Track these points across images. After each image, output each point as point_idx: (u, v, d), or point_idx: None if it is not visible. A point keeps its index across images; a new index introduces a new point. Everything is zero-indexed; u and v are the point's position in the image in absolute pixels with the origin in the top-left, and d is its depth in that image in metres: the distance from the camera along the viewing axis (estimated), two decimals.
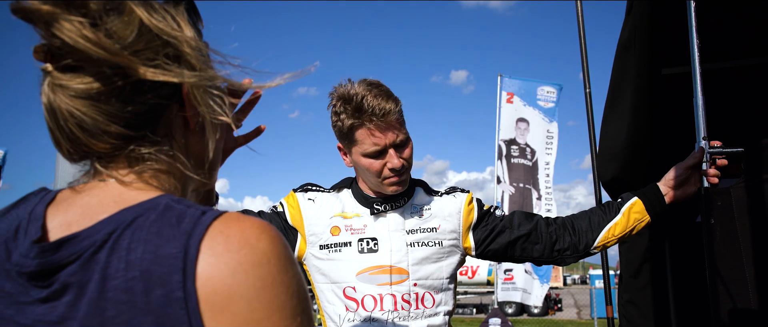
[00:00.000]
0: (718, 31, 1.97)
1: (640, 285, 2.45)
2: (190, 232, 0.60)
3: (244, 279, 0.59)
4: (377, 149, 1.57)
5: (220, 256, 0.59)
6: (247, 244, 0.60)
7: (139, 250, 0.59)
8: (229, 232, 0.61)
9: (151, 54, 0.66)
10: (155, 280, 0.58)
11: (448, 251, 1.69)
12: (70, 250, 0.61)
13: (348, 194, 1.75)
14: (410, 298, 1.61)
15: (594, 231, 1.71)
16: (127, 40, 0.64)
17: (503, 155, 9.76)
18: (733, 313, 1.50)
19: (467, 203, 1.74)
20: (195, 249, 0.59)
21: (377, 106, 1.51)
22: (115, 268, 0.59)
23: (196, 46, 0.70)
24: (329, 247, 1.67)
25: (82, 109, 0.64)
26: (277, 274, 0.61)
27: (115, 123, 0.65)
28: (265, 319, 0.60)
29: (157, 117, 0.69)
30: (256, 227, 0.62)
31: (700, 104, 1.63)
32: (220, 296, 0.58)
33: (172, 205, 0.64)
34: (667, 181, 1.72)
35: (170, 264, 0.58)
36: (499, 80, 9.93)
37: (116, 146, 0.67)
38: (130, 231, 0.61)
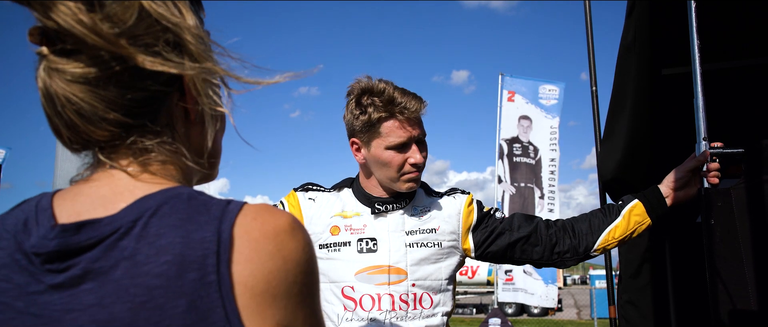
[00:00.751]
0: (718, 32, 1.97)
1: (639, 285, 2.45)
2: (220, 217, 0.61)
3: (282, 264, 0.61)
4: (402, 141, 1.61)
5: (254, 243, 0.60)
6: (282, 232, 0.62)
7: (169, 235, 0.59)
8: (262, 219, 0.62)
9: (151, 39, 0.64)
10: (189, 264, 0.58)
11: (447, 252, 1.69)
12: (91, 233, 0.60)
13: (349, 193, 1.75)
14: (408, 299, 1.61)
15: (594, 234, 1.71)
16: (126, 25, 0.62)
17: (504, 154, 9.75)
18: (733, 313, 1.50)
19: (467, 205, 1.73)
20: (228, 234, 0.60)
21: (408, 101, 1.59)
22: (146, 254, 0.58)
23: (198, 34, 0.68)
24: (328, 247, 1.67)
25: (79, 94, 0.62)
26: (311, 262, 0.64)
27: (114, 110, 0.64)
28: (301, 304, 0.62)
29: (157, 105, 0.67)
30: (281, 217, 0.63)
31: (700, 105, 1.63)
32: (258, 281, 0.60)
33: (195, 195, 0.64)
34: (668, 183, 1.71)
35: (204, 248, 0.59)
36: (501, 79, 9.93)
37: (116, 135, 0.66)
38: (156, 218, 0.61)
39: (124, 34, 0.62)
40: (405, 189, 1.66)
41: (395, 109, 1.58)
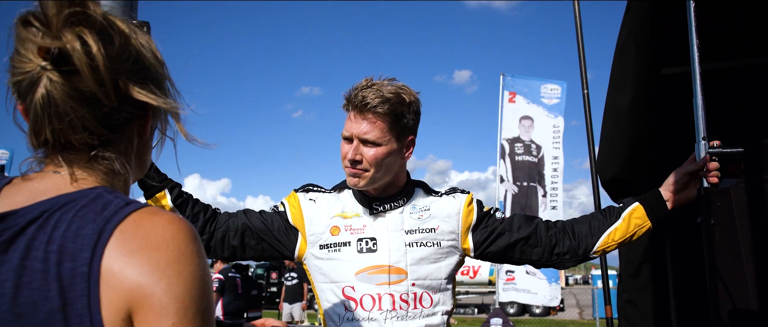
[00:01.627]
0: (718, 31, 1.97)
1: (639, 285, 2.45)
2: (109, 218, 0.69)
3: (139, 260, 0.67)
4: (346, 135, 1.63)
5: (126, 241, 0.68)
6: (151, 231, 0.69)
7: (62, 227, 0.68)
8: (141, 220, 0.70)
9: (142, 75, 0.78)
10: (68, 255, 0.67)
11: (447, 252, 1.69)
12: (8, 223, 0.69)
13: (348, 194, 1.75)
14: (408, 298, 1.61)
15: (594, 236, 1.71)
16: (127, 62, 0.75)
17: (506, 154, 9.75)
18: (733, 313, 1.50)
19: (467, 204, 1.73)
20: (108, 233, 0.68)
21: (360, 98, 1.58)
22: (40, 241, 0.68)
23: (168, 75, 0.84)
24: (329, 247, 1.67)
25: (78, 108, 0.72)
26: (171, 261, 0.69)
27: (100, 124, 0.75)
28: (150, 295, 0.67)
29: (127, 124, 0.80)
30: (164, 218, 0.72)
31: (699, 104, 1.63)
32: (116, 275, 0.67)
33: (102, 194, 0.73)
34: (668, 186, 1.71)
35: (84, 242, 0.67)
36: (502, 79, 9.92)
37: (90, 144, 0.76)
38: (60, 212, 0.70)
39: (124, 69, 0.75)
40: (348, 183, 1.67)
41: (350, 101, 1.61)
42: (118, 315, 0.67)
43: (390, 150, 1.61)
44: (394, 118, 1.60)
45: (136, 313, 0.67)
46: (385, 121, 1.58)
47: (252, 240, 1.70)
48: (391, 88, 1.60)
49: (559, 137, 9.77)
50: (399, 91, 1.61)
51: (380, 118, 1.57)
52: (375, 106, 1.56)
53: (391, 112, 1.58)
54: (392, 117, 1.59)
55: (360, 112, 1.58)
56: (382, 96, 1.57)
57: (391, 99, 1.57)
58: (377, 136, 1.58)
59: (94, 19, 0.73)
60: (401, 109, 1.60)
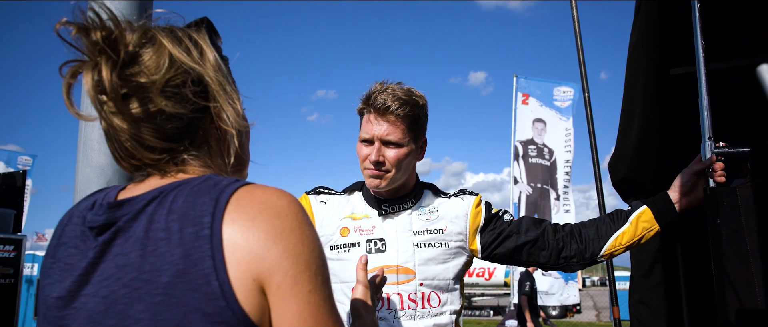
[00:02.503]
0: (725, 30, 1.96)
1: (651, 285, 2.45)
2: (222, 189, 0.74)
3: (263, 225, 0.72)
4: (367, 137, 1.66)
5: (243, 208, 0.73)
6: (268, 202, 0.74)
7: (180, 201, 0.74)
8: (254, 191, 0.75)
9: (179, 80, 0.79)
10: (189, 221, 0.72)
11: (455, 252, 1.71)
12: (129, 207, 0.76)
13: (359, 196, 1.79)
14: (416, 298, 1.64)
15: (601, 239, 1.71)
16: (159, 73, 0.78)
17: (520, 156, 9.73)
18: (740, 312, 1.50)
19: (475, 206, 1.76)
20: (225, 201, 0.73)
21: (381, 100, 1.62)
22: (160, 215, 0.73)
23: (216, 70, 0.84)
24: (339, 248, 1.71)
25: (134, 129, 0.78)
26: (294, 228, 0.73)
27: (161, 138, 0.80)
28: (279, 261, 0.71)
29: (194, 129, 0.83)
30: (275, 190, 0.76)
31: (705, 104, 1.63)
32: (241, 237, 0.71)
33: (212, 176, 0.78)
34: (676, 188, 1.71)
35: (203, 209, 0.72)
36: (515, 81, 9.92)
37: (165, 157, 0.82)
38: (175, 191, 0.76)
39: (155, 82, 0.78)
40: (369, 185, 1.70)
41: (369, 103, 1.65)
42: (248, 276, 0.70)
43: (409, 150, 1.67)
44: (413, 120, 1.65)
45: (268, 280, 0.71)
46: (405, 122, 1.64)
47: None
48: (406, 91, 1.66)
49: (570, 140, 9.74)
50: (413, 93, 1.67)
51: (400, 119, 1.63)
52: (396, 109, 1.61)
53: (410, 114, 1.63)
54: (411, 118, 1.65)
55: (381, 114, 1.62)
56: (401, 98, 1.62)
57: (409, 101, 1.63)
58: (399, 137, 1.63)
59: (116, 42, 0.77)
60: (417, 110, 1.66)
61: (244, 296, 0.70)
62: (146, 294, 0.70)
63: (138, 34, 0.80)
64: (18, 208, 5.55)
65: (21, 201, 5.69)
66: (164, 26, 0.85)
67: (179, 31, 0.84)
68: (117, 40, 0.76)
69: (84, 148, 1.50)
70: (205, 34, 0.86)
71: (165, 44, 0.79)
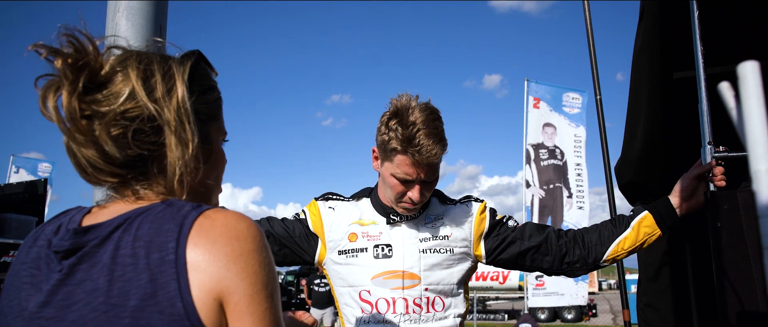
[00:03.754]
0: (727, 34, 1.98)
1: (659, 288, 2.45)
2: (186, 214, 0.79)
3: (223, 248, 0.77)
4: (407, 179, 1.63)
5: (205, 232, 0.77)
6: (227, 223, 0.79)
7: (145, 227, 0.78)
8: (216, 216, 0.80)
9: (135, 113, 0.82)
10: (155, 247, 0.76)
11: (459, 258, 1.75)
12: (95, 233, 0.80)
13: (367, 203, 1.83)
14: (421, 302, 1.68)
15: (603, 244, 1.74)
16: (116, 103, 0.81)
17: (532, 159, 9.71)
18: (741, 315, 1.51)
19: (479, 212, 1.79)
20: (188, 227, 0.77)
21: (426, 147, 1.56)
22: (126, 241, 0.77)
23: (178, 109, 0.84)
24: (347, 253, 1.75)
25: (87, 153, 0.82)
26: (252, 250, 0.79)
27: (112, 164, 0.83)
28: (238, 281, 0.77)
29: (149, 159, 0.85)
30: (235, 214, 0.81)
31: (705, 109, 1.65)
32: (203, 260, 0.76)
33: (174, 202, 0.82)
34: (677, 192, 1.72)
35: (168, 235, 0.77)
36: (526, 85, 9.91)
37: (118, 181, 0.86)
38: (140, 217, 0.80)
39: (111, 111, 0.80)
40: (401, 211, 1.72)
41: (410, 147, 1.57)
42: (210, 295, 0.75)
43: (438, 178, 1.71)
44: (443, 155, 1.65)
45: (227, 300, 0.76)
46: (440, 160, 1.65)
47: (275, 246, 1.79)
48: (436, 123, 1.61)
49: (581, 147, 9.73)
50: (439, 124, 1.63)
51: (438, 159, 1.63)
52: (440, 152, 1.60)
53: (443, 152, 1.63)
54: (443, 154, 1.64)
55: (425, 158, 1.58)
56: (439, 137, 1.59)
57: (443, 136, 1.62)
58: (436, 174, 1.67)
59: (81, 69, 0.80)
60: (446, 144, 1.64)
61: (206, 315, 0.75)
62: (115, 317, 0.74)
63: (116, 60, 0.84)
64: (39, 216, 5.68)
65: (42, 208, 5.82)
66: (147, 55, 0.87)
67: (158, 63, 0.86)
68: (82, 67, 0.80)
69: None
70: (185, 70, 0.88)
71: (131, 77, 0.82)
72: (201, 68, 0.93)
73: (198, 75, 0.92)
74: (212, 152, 0.95)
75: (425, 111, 1.60)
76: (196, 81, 0.90)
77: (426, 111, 1.60)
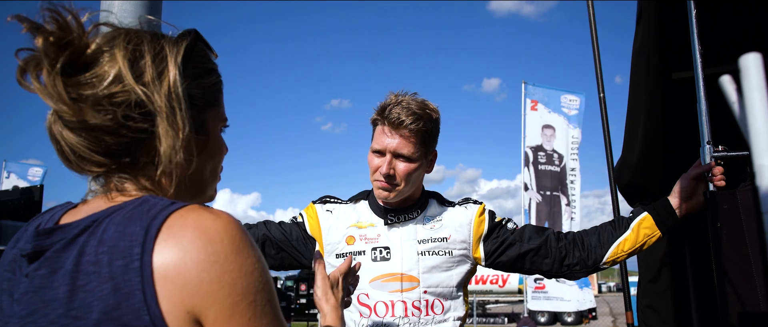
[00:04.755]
0: (725, 34, 1.97)
1: (659, 290, 2.44)
2: (154, 216, 0.70)
3: (196, 254, 0.67)
4: (379, 148, 1.68)
5: (175, 235, 0.68)
6: (201, 224, 0.69)
7: (111, 230, 0.70)
8: (188, 215, 0.71)
9: (122, 98, 0.75)
10: (118, 253, 0.68)
11: (458, 260, 1.74)
12: (60, 235, 0.73)
13: (365, 205, 1.82)
14: (420, 305, 1.66)
15: (603, 247, 1.73)
16: (100, 86, 0.74)
17: (530, 162, 9.72)
18: (742, 315, 1.50)
19: (478, 215, 1.78)
20: (155, 229, 0.68)
21: (396, 114, 1.63)
22: (90, 246, 0.70)
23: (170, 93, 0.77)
24: (344, 256, 1.74)
25: (70, 137, 0.75)
26: (229, 253, 0.69)
27: (96, 151, 0.76)
28: (215, 292, 0.67)
29: (134, 148, 0.78)
30: (211, 212, 0.72)
31: (703, 109, 1.65)
32: (172, 268, 0.67)
33: (148, 199, 0.74)
34: (677, 193, 1.71)
35: (132, 239, 0.68)
36: (524, 88, 9.93)
37: (102, 170, 0.79)
38: (108, 218, 0.72)
39: (95, 95, 0.73)
40: (377, 195, 1.72)
41: (383, 115, 1.66)
42: (182, 308, 0.67)
43: (419, 164, 1.69)
44: (425, 134, 1.67)
45: (205, 314, 0.67)
46: (417, 137, 1.65)
47: (272, 250, 1.78)
48: (420, 105, 1.67)
49: (576, 149, 9.75)
50: (427, 107, 1.69)
51: (413, 134, 1.64)
52: (410, 123, 1.62)
53: (423, 129, 1.65)
54: (423, 133, 1.66)
55: (395, 128, 1.64)
56: (415, 113, 1.64)
57: (423, 116, 1.65)
58: (411, 151, 1.65)
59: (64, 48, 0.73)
60: (430, 125, 1.68)
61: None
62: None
63: (103, 39, 0.76)
64: None
65: None
66: (137, 34, 0.80)
67: (149, 43, 0.79)
68: (65, 46, 0.73)
69: None
70: (179, 51, 0.81)
71: (118, 59, 0.75)
72: (198, 49, 0.85)
73: (194, 57, 0.84)
74: (208, 142, 0.86)
75: (409, 95, 1.70)
76: (191, 63, 0.82)
77: (410, 95, 1.70)
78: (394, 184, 1.67)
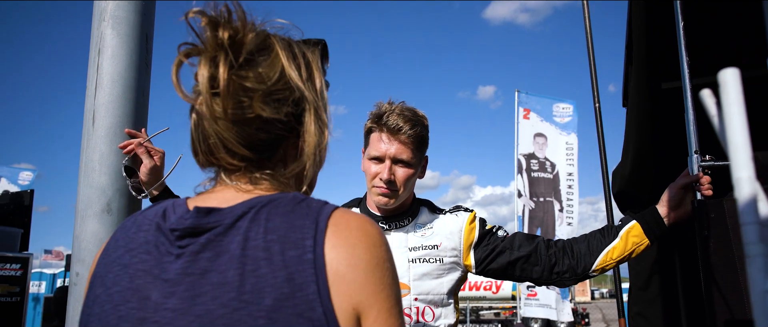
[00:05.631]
0: (714, 45, 2.00)
1: (649, 297, 2.46)
2: (318, 211, 0.74)
3: (363, 254, 0.72)
4: (378, 155, 1.69)
5: (343, 234, 0.72)
6: (364, 229, 0.74)
7: (276, 220, 0.72)
8: (349, 218, 0.75)
9: (282, 95, 0.79)
10: (291, 243, 0.70)
11: (449, 268, 1.74)
12: (217, 217, 0.74)
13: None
14: (411, 312, 1.66)
15: (592, 255, 1.73)
16: (268, 83, 0.78)
17: (523, 169, 9.76)
18: (730, 324, 1.51)
19: (469, 222, 1.78)
20: (324, 224, 0.72)
21: (393, 121, 1.65)
22: (255, 232, 0.71)
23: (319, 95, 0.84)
24: None
25: (222, 130, 0.77)
26: (386, 258, 0.74)
27: (244, 145, 0.78)
28: (377, 292, 0.72)
29: (277, 146, 0.82)
30: (367, 220, 0.76)
31: (691, 119, 1.66)
32: (343, 265, 0.70)
33: (298, 196, 0.77)
34: (665, 202, 1.72)
35: (304, 231, 0.71)
36: (517, 96, 9.98)
37: (243, 165, 0.80)
38: (267, 208, 0.74)
39: (260, 90, 0.77)
40: (376, 201, 1.72)
41: (380, 122, 1.68)
42: (350, 304, 0.69)
43: (416, 170, 1.72)
44: (421, 140, 1.71)
45: (367, 310, 0.71)
46: (414, 142, 1.69)
47: None
48: (414, 112, 1.71)
49: (573, 154, 9.80)
50: (418, 113, 1.72)
51: (411, 140, 1.67)
52: (408, 129, 1.66)
53: (419, 134, 1.69)
54: (419, 139, 1.70)
55: (393, 134, 1.66)
56: (411, 119, 1.67)
57: (418, 122, 1.69)
58: (409, 156, 1.68)
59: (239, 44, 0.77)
60: (424, 132, 1.72)
61: (345, 324, 0.69)
62: (248, 316, 0.67)
63: (257, 39, 0.80)
64: (25, 227, 5.62)
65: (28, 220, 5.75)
66: (283, 37, 0.84)
67: (296, 46, 0.83)
68: (240, 42, 0.77)
69: (85, 169, 1.54)
70: (317, 57, 0.86)
71: (280, 57, 0.79)
72: (324, 58, 0.91)
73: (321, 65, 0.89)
74: None
75: (402, 104, 1.72)
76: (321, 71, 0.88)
77: (403, 104, 1.72)
78: (395, 189, 1.69)
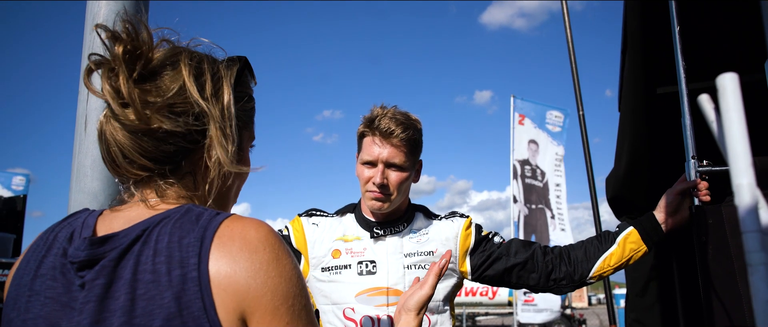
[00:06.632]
0: (710, 49, 2.00)
1: (646, 304, 2.44)
2: (206, 226, 0.76)
3: (243, 263, 0.74)
4: (370, 159, 1.68)
5: (225, 246, 0.74)
6: (244, 237, 0.76)
7: (165, 239, 0.75)
8: (234, 226, 0.77)
9: (181, 109, 0.82)
10: (176, 262, 0.73)
11: (445, 274, 1.72)
12: (113, 244, 0.76)
13: (351, 218, 1.80)
14: None
15: (589, 261, 1.72)
16: (168, 95, 0.81)
17: (518, 175, 9.79)
18: None
19: (465, 228, 1.77)
20: (209, 240, 0.74)
21: (385, 125, 1.64)
22: (146, 255, 0.74)
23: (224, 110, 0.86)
24: (330, 270, 1.72)
25: (122, 139, 0.81)
26: (271, 260, 0.76)
27: (144, 155, 0.81)
28: (259, 297, 0.74)
29: (180, 158, 0.84)
30: (252, 223, 0.78)
31: (688, 124, 1.66)
32: (223, 277, 0.73)
33: (192, 208, 0.80)
34: (662, 208, 1.71)
35: (189, 250, 0.73)
36: (512, 101, 10.03)
37: (145, 175, 0.83)
38: (158, 227, 0.76)
39: (158, 102, 0.80)
40: (370, 206, 1.71)
41: (372, 126, 1.67)
42: (235, 314, 0.73)
43: (409, 174, 1.71)
44: (414, 143, 1.70)
45: (250, 316, 0.74)
46: (407, 146, 1.68)
47: None
48: (406, 115, 1.70)
49: (561, 165, 9.89)
50: (410, 117, 1.71)
51: (404, 143, 1.66)
52: (400, 133, 1.65)
53: (411, 138, 1.68)
54: (412, 143, 1.69)
55: (386, 137, 1.65)
56: (403, 123, 1.66)
57: (410, 126, 1.68)
58: (402, 160, 1.67)
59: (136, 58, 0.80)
60: (417, 135, 1.71)
61: None
62: None
63: (165, 54, 0.83)
64: (18, 233, 5.57)
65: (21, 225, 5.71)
66: (197, 54, 0.87)
67: (208, 63, 0.87)
68: (138, 57, 0.80)
69: (77, 175, 1.53)
70: (232, 75, 0.89)
71: (183, 73, 0.82)
72: (244, 75, 0.93)
73: (241, 82, 0.92)
74: (242, 159, 0.94)
75: (395, 108, 1.72)
76: (238, 87, 0.91)
77: (395, 108, 1.72)
78: (388, 194, 1.67)
